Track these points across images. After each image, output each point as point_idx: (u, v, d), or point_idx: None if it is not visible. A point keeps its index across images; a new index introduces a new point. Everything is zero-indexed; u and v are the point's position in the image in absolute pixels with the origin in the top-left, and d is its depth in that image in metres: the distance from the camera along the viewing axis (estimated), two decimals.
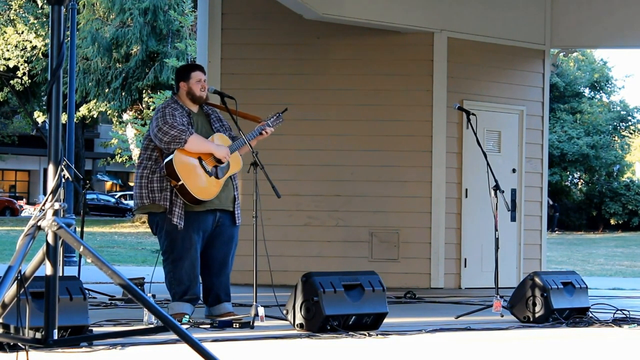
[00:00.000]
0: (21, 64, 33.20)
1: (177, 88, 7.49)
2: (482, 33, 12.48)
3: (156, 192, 7.15)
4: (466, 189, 12.28)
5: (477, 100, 12.00)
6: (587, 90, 45.70)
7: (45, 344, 3.64)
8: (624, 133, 45.90)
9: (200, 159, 7.14)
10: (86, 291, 6.13)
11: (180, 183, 7.02)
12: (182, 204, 7.10)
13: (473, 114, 9.16)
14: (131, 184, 54.76)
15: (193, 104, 7.41)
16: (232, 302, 7.42)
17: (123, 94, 34.66)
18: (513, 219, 12.36)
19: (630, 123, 46.21)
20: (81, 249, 3.77)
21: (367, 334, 6.59)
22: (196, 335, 3.92)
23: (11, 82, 34.44)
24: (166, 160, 7.08)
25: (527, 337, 6.98)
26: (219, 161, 7.22)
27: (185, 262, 7.18)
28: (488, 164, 8.67)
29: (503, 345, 6.48)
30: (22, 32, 32.64)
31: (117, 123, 38.24)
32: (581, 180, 44.15)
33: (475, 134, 9.08)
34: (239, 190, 7.49)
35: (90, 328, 5.80)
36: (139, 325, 6.48)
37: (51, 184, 3.65)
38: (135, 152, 35.87)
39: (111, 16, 33.84)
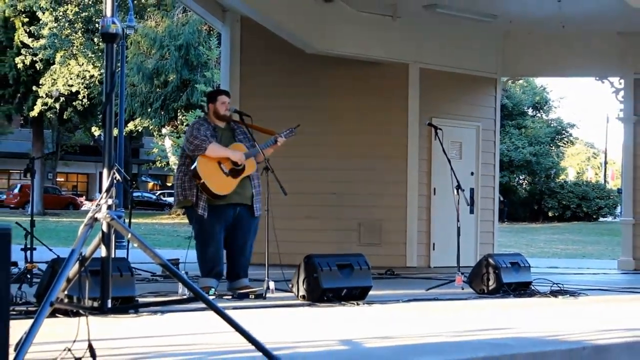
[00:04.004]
0: (82, 89, 33.15)
1: (208, 108, 7.53)
2: (447, 64, 12.50)
3: (187, 189, 7.21)
4: (434, 188, 12.29)
5: (443, 118, 12.00)
6: (530, 110, 45.71)
7: (101, 311, 3.64)
8: (559, 144, 45.96)
9: (219, 163, 7.18)
10: (133, 269, 6.13)
11: (202, 181, 7.08)
12: (205, 198, 7.13)
13: (440, 129, 9.16)
14: (169, 184, 54.75)
15: (219, 121, 7.42)
16: (249, 278, 7.42)
17: (162, 112, 34.65)
18: (471, 212, 12.37)
19: (564, 136, 46.28)
20: (129, 236, 3.78)
21: (356, 303, 6.61)
22: (220, 305, 3.92)
23: (74, 103, 34.37)
24: (193, 164, 7.13)
25: (483, 305, 6.99)
26: (236, 164, 7.24)
27: (211, 246, 7.20)
28: (451, 168, 8.67)
29: (464, 311, 6.48)
30: (83, 64, 32.59)
31: (157, 136, 38.24)
32: (525, 181, 44.11)
33: (442, 144, 9.09)
34: (259, 189, 7.44)
35: (136, 298, 5.81)
36: (175, 296, 6.47)
37: (105, 184, 3.65)
38: (172, 159, 35.85)
39: (153, 51, 33.82)
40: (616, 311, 6.78)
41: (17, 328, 3.21)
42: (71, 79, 32.83)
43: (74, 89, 33.11)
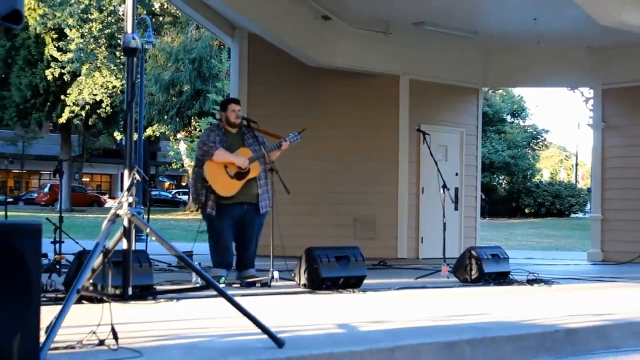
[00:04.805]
0: (105, 98, 33.16)
1: (221, 116, 7.51)
2: (434, 76, 12.52)
3: (199, 189, 7.22)
4: (422, 187, 12.30)
5: (430, 124, 12.02)
6: (508, 117, 45.69)
7: (122, 297, 3.65)
8: (535, 147, 45.96)
9: (225, 167, 7.18)
10: (151, 260, 6.12)
11: (208, 184, 7.09)
12: (214, 198, 7.14)
13: (427, 134, 9.18)
14: (183, 184, 54.74)
15: (230, 127, 7.40)
16: (255, 268, 7.42)
17: (177, 119, 34.66)
18: (456, 208, 12.38)
19: (539, 140, 46.30)
20: (147, 230, 3.78)
21: (351, 291, 6.61)
22: (229, 292, 3.92)
23: (98, 111, 34.38)
24: (202, 168, 7.15)
25: (466, 292, 6.99)
26: (241, 168, 7.24)
27: (221, 240, 7.20)
28: (438, 169, 8.68)
29: (449, 298, 6.48)
30: (106, 76, 32.59)
31: (173, 140, 38.25)
32: (504, 181, 44.07)
33: (429, 148, 9.10)
34: (265, 188, 7.41)
35: (154, 286, 5.80)
36: (189, 285, 6.47)
37: (126, 184, 3.65)
38: (186, 162, 35.86)
39: (169, 64, 33.82)
40: (586, 298, 6.79)
41: (48, 313, 3.21)
42: (95, 89, 32.86)
43: (98, 98, 33.15)
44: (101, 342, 3.39)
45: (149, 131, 35.00)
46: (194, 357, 3.23)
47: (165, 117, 34.57)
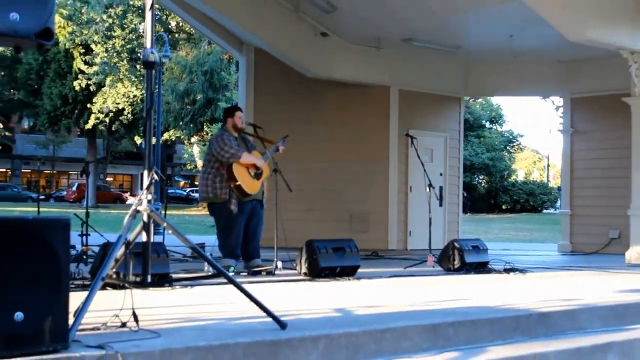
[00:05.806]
0: (127, 107, 33.15)
1: (226, 122, 7.46)
2: (420, 86, 12.53)
3: (217, 189, 7.13)
4: (410, 186, 12.30)
5: (418, 129, 12.01)
6: (487, 123, 45.69)
7: (142, 284, 3.65)
8: (511, 150, 45.98)
9: (247, 168, 7.17)
10: (168, 251, 6.12)
11: (238, 183, 7.05)
12: (236, 196, 7.10)
13: (415, 138, 9.18)
14: (197, 183, 54.67)
15: (235, 132, 7.40)
16: (261, 258, 7.42)
17: (191, 125, 34.63)
18: (440, 205, 12.38)
19: (514, 144, 46.33)
20: (165, 225, 3.78)
21: (347, 279, 6.62)
22: (238, 280, 3.92)
23: (120, 118, 34.38)
24: (226, 168, 7.09)
25: (449, 280, 7.00)
26: (258, 169, 7.25)
27: (234, 233, 7.17)
28: (424, 170, 8.68)
29: (434, 285, 6.49)
30: (127, 86, 32.58)
31: (187, 144, 38.24)
32: (484, 180, 44.02)
33: (417, 151, 9.10)
34: (264, 187, 7.46)
35: (170, 275, 5.80)
36: (201, 273, 6.46)
37: (146, 183, 3.65)
38: (199, 163, 35.82)
39: (184, 76, 33.81)
40: (556, 285, 6.79)
41: (75, 298, 3.21)
42: (118, 98, 32.86)
43: (120, 106, 33.16)
44: (123, 324, 3.39)
45: (165, 136, 34.96)
46: (206, 337, 3.24)
47: (180, 123, 34.54)
